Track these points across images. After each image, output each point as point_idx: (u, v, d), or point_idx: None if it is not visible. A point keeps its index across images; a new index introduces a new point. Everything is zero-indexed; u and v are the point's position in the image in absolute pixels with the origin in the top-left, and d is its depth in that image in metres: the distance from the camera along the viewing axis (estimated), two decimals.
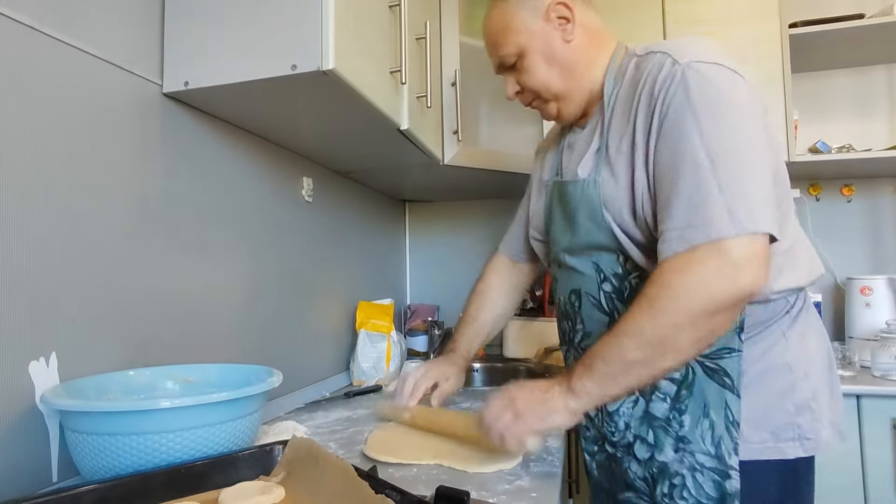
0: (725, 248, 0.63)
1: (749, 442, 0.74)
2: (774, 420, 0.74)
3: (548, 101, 0.88)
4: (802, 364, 0.76)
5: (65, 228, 0.71)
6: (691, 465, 0.74)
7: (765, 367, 0.76)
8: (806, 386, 0.76)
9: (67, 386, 0.67)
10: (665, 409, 0.77)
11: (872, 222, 1.89)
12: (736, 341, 0.73)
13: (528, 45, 0.85)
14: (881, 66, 1.89)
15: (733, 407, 0.72)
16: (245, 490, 0.59)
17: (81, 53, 0.75)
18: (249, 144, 1.12)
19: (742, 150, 0.67)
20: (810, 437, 0.75)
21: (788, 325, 0.77)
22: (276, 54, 0.82)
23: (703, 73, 0.69)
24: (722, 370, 0.73)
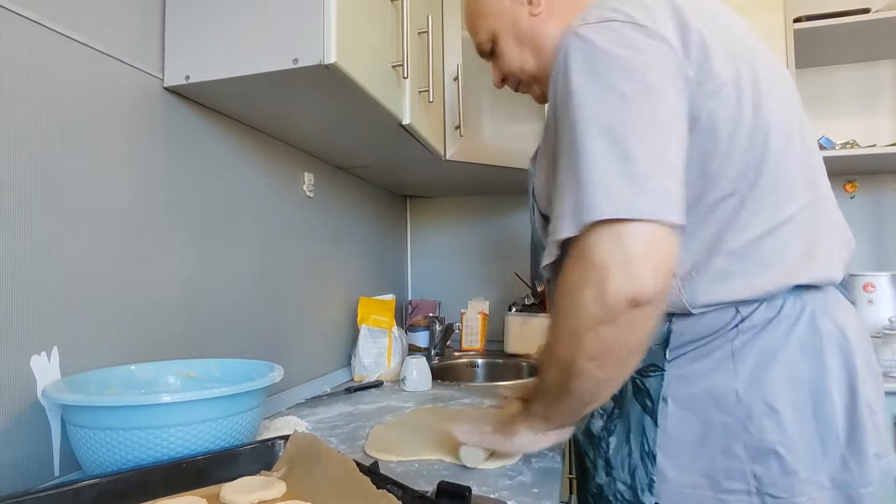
0: (584, 252, 0.53)
1: (676, 484, 0.61)
2: (711, 461, 0.60)
3: (529, 83, 0.83)
4: (765, 395, 0.59)
5: (65, 223, 0.71)
6: (615, 492, 0.66)
7: (701, 391, 0.61)
8: (769, 424, 0.58)
9: (69, 380, 0.67)
10: (599, 427, 0.70)
11: (875, 219, 1.88)
12: (660, 358, 0.63)
13: (497, 28, 0.80)
14: (887, 61, 1.87)
15: (650, 435, 0.62)
16: (246, 485, 0.59)
17: (81, 46, 0.74)
18: (251, 139, 1.11)
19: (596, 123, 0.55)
20: (778, 496, 0.57)
21: (744, 343, 0.60)
22: (278, 48, 0.81)
23: (583, 36, 0.59)
24: (646, 390, 0.64)
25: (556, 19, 0.75)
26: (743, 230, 0.61)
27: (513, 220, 2.09)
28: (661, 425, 0.62)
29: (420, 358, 1.35)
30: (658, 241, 0.52)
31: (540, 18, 0.77)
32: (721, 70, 0.60)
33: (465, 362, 1.81)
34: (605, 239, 0.52)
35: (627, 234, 0.51)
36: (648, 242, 0.51)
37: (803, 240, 0.63)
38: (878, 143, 1.78)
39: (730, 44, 0.63)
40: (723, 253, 0.61)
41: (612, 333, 0.53)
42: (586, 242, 0.53)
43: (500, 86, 0.88)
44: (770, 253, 0.61)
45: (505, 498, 0.66)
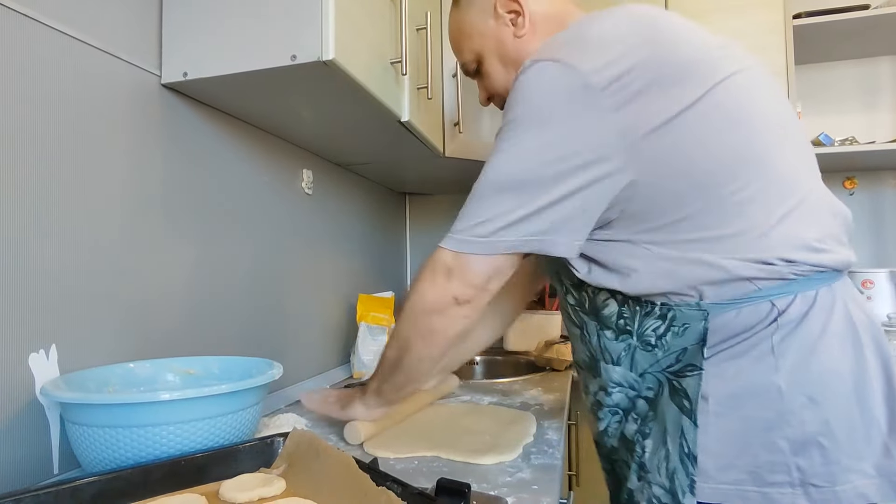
0: (435, 258, 0.70)
1: (717, 481, 0.61)
2: (753, 457, 0.60)
3: None
4: (805, 387, 0.60)
5: (63, 220, 0.71)
6: (649, 497, 0.66)
7: (741, 388, 0.62)
8: (811, 416, 0.59)
9: (68, 378, 0.67)
10: (633, 431, 0.70)
11: (874, 215, 1.88)
12: (698, 357, 0.63)
13: (482, 49, 0.82)
14: (886, 58, 1.87)
15: (689, 436, 0.62)
16: (246, 482, 0.59)
17: (77, 43, 0.74)
18: (249, 136, 1.11)
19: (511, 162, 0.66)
20: (821, 485, 0.58)
21: (783, 337, 0.61)
22: (276, 44, 0.81)
23: (529, 74, 0.65)
24: (683, 391, 0.64)
25: (539, 40, 0.78)
26: (746, 226, 0.62)
27: None
28: (700, 425, 0.62)
29: None
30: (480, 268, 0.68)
31: (524, 40, 0.79)
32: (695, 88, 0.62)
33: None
34: (449, 257, 0.69)
35: (462, 260, 0.68)
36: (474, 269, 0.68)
37: (811, 229, 0.64)
38: (878, 140, 1.78)
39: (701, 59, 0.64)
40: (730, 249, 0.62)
41: (440, 320, 0.71)
42: (439, 255, 0.70)
43: (487, 104, 0.90)
44: (779, 243, 0.62)
45: (504, 494, 0.66)
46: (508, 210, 0.65)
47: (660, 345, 0.68)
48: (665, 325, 0.67)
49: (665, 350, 0.67)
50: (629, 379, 0.71)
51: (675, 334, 0.66)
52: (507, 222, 0.65)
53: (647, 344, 0.69)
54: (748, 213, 0.63)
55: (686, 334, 0.65)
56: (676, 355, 0.66)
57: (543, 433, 0.91)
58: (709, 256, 0.63)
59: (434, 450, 0.81)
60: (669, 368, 0.67)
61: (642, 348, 0.69)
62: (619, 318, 0.71)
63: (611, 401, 0.73)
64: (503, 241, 0.66)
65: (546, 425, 0.95)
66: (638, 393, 0.71)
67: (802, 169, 0.68)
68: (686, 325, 0.65)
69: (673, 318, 0.66)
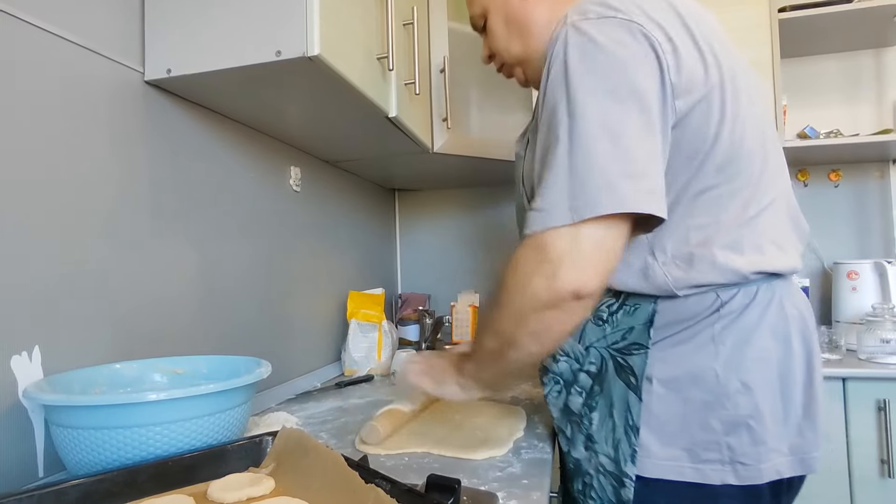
0: (542, 244, 0.59)
1: (658, 457, 0.66)
2: (690, 436, 0.65)
3: (513, 65, 0.84)
4: (740, 373, 0.64)
5: (45, 220, 0.70)
6: (596, 465, 0.70)
7: (684, 373, 0.66)
8: (743, 401, 0.64)
9: (51, 380, 0.66)
10: (579, 404, 0.73)
11: (859, 207, 1.91)
12: (644, 337, 0.68)
13: (490, 6, 0.82)
14: (869, 51, 1.89)
15: (633, 410, 0.66)
16: (234, 482, 0.58)
17: (58, 40, 0.73)
18: (235, 133, 1.10)
19: (595, 121, 0.58)
20: (747, 463, 0.63)
21: (724, 327, 0.65)
22: (260, 40, 0.80)
23: (583, 31, 0.62)
24: (629, 367, 0.68)
25: (546, 6, 0.77)
26: (722, 220, 0.66)
27: (502, 211, 2.09)
28: (644, 401, 0.67)
29: (410, 352, 1.35)
30: (605, 245, 0.58)
31: (530, 3, 0.78)
32: (709, 74, 0.64)
33: None
34: (562, 236, 0.58)
35: (581, 235, 0.57)
36: (596, 246, 0.57)
37: (775, 231, 0.68)
38: (862, 132, 1.80)
39: (717, 50, 0.66)
40: (704, 241, 0.65)
41: (554, 317, 0.60)
42: (545, 236, 0.59)
43: (488, 62, 0.90)
44: (747, 242, 0.66)
45: (495, 490, 0.66)
46: (619, 163, 0.57)
47: (610, 321, 0.72)
48: (618, 304, 0.72)
49: (614, 326, 0.72)
50: (576, 350, 0.75)
51: (626, 313, 0.71)
52: (624, 176, 0.57)
53: (598, 318, 0.73)
54: (727, 207, 0.66)
55: (636, 314, 0.70)
56: (623, 333, 0.71)
57: (534, 427, 0.91)
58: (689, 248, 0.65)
59: (424, 446, 0.81)
60: (614, 345, 0.71)
61: (594, 322, 0.74)
62: None
63: (557, 369, 0.77)
64: (629, 197, 0.56)
65: (536, 420, 0.96)
66: (581, 366, 0.74)
67: (776, 174, 0.71)
68: (637, 306, 0.70)
69: (626, 298, 0.71)
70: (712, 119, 0.64)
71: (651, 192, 0.58)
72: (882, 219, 1.89)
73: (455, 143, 1.47)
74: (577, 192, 0.57)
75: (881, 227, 1.89)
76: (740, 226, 0.66)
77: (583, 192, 0.57)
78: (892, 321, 1.49)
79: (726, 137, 0.64)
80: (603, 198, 0.56)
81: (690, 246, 0.66)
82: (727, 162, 0.65)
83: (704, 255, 0.65)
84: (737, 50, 0.71)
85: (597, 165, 0.57)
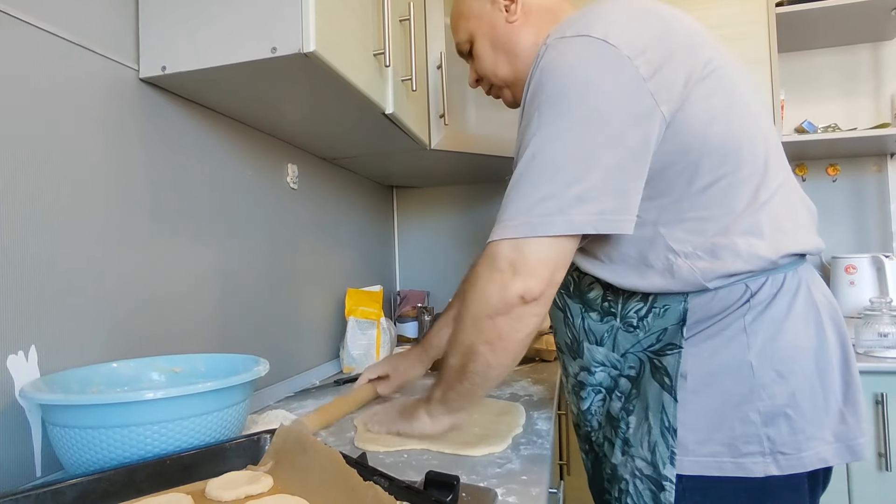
0: (494, 254, 0.64)
1: (696, 454, 0.65)
2: (729, 430, 0.64)
3: (501, 87, 0.87)
4: (775, 363, 0.64)
5: (40, 219, 0.69)
6: (633, 470, 0.69)
7: (716, 367, 0.65)
8: (779, 390, 0.63)
9: (48, 379, 0.66)
10: (618, 409, 0.73)
11: (857, 202, 1.91)
12: (678, 337, 0.67)
13: (476, 31, 0.84)
14: (866, 45, 1.89)
15: (669, 411, 0.65)
16: (232, 480, 0.58)
17: (50, 37, 0.72)
18: (232, 131, 1.09)
19: (556, 142, 0.62)
20: (788, 453, 0.63)
21: (755, 317, 0.65)
22: (256, 37, 0.80)
23: (559, 51, 0.64)
24: (663, 368, 0.67)
25: (531, 28, 0.80)
26: (736, 208, 0.66)
27: None
28: (680, 401, 0.65)
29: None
30: (549, 257, 0.63)
31: (515, 26, 0.81)
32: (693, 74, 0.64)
33: None
34: (511, 248, 0.63)
35: (528, 249, 0.63)
36: (541, 259, 0.63)
37: (789, 213, 0.69)
38: (859, 127, 1.80)
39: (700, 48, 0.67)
40: (722, 230, 0.65)
41: (506, 323, 0.65)
42: (497, 246, 0.65)
43: (475, 86, 0.93)
44: (765, 225, 0.66)
45: (493, 486, 0.66)
46: (568, 185, 0.61)
47: (641, 326, 0.71)
48: (647, 308, 0.71)
49: (646, 331, 0.71)
50: (611, 359, 0.74)
51: (657, 315, 0.70)
52: (571, 198, 0.61)
53: (629, 325, 0.72)
54: (738, 195, 0.66)
55: (667, 315, 0.69)
56: (657, 335, 0.70)
57: (533, 424, 0.91)
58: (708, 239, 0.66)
59: (423, 443, 0.81)
60: (650, 348, 0.70)
61: (624, 329, 0.73)
62: (604, 301, 0.74)
63: (594, 380, 0.76)
64: (571, 219, 0.61)
65: (535, 416, 0.96)
66: (620, 372, 0.74)
67: (778, 160, 0.71)
68: (667, 307, 0.69)
69: (654, 301, 0.70)
70: (703, 115, 0.65)
71: (600, 213, 0.62)
72: (879, 213, 1.89)
73: (452, 139, 1.47)
74: (529, 210, 0.62)
75: (879, 221, 1.89)
76: (755, 211, 0.66)
77: (533, 212, 0.62)
78: (889, 315, 1.49)
79: (722, 130, 0.65)
80: (553, 220, 0.61)
81: (709, 237, 0.65)
82: (728, 153, 0.65)
83: (726, 243, 0.65)
84: (722, 45, 0.71)
85: (550, 187, 0.62)
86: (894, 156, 1.88)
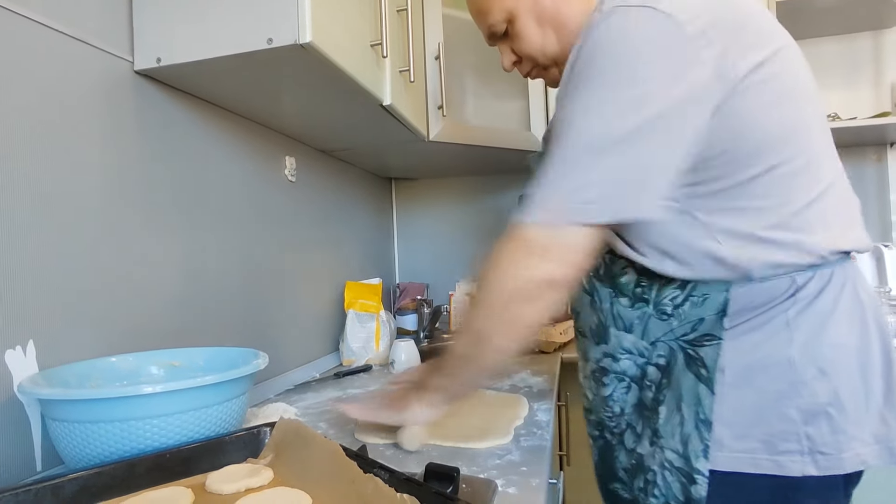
0: (524, 236, 0.62)
1: (732, 450, 0.63)
2: (768, 427, 0.62)
3: (547, 66, 0.80)
4: (817, 360, 0.62)
5: (36, 213, 0.69)
6: (661, 461, 0.67)
7: (756, 361, 0.63)
8: (821, 388, 0.61)
9: (47, 374, 0.66)
10: (650, 398, 0.70)
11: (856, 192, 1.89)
12: (717, 327, 0.64)
13: (515, 7, 0.76)
14: (867, 33, 1.88)
15: (705, 403, 0.64)
16: (232, 473, 0.58)
17: (45, 29, 0.71)
18: (228, 123, 1.09)
19: (604, 122, 0.59)
20: (828, 453, 0.61)
21: (798, 312, 0.63)
22: (252, 28, 0.79)
23: (617, 22, 0.60)
24: (700, 360, 0.65)
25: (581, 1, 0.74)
26: (790, 200, 0.63)
27: (500, 200, 2.08)
28: (717, 394, 0.63)
29: (408, 341, 1.35)
30: (582, 244, 0.61)
31: None
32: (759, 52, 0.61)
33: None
34: (542, 232, 0.61)
35: (559, 233, 0.61)
36: (573, 245, 0.61)
37: (841, 207, 0.67)
38: (860, 116, 1.79)
39: (764, 28, 0.64)
40: (774, 224, 0.63)
41: (528, 307, 0.63)
42: (528, 229, 0.62)
43: (511, 69, 0.84)
44: (817, 220, 0.64)
45: (494, 477, 0.66)
46: (612, 171, 0.59)
47: (676, 314, 0.68)
48: (684, 295, 0.67)
49: (681, 319, 0.68)
50: (639, 347, 0.72)
51: (694, 304, 0.66)
52: (614, 185, 0.59)
53: (662, 313, 0.69)
54: (792, 186, 0.63)
55: (706, 304, 0.65)
56: (692, 325, 0.67)
57: (533, 415, 0.91)
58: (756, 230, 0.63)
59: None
60: (684, 337, 0.67)
61: (657, 317, 0.69)
62: (637, 287, 0.71)
63: (618, 367, 0.74)
64: (614, 207, 0.60)
65: (535, 407, 0.96)
66: (647, 360, 0.71)
67: (831, 151, 0.69)
68: (706, 296, 0.66)
69: (693, 288, 0.67)
70: (763, 99, 0.62)
71: (643, 201, 0.60)
72: (879, 202, 1.88)
73: (451, 131, 1.46)
74: (569, 195, 0.60)
75: (878, 210, 1.88)
76: (809, 204, 0.63)
77: (573, 197, 0.60)
78: (888, 305, 1.49)
79: (781, 116, 0.63)
80: (594, 208, 0.59)
81: (758, 229, 0.63)
82: (785, 141, 0.63)
83: (775, 237, 0.63)
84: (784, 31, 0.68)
85: (592, 173, 0.59)
86: (894, 145, 1.88)
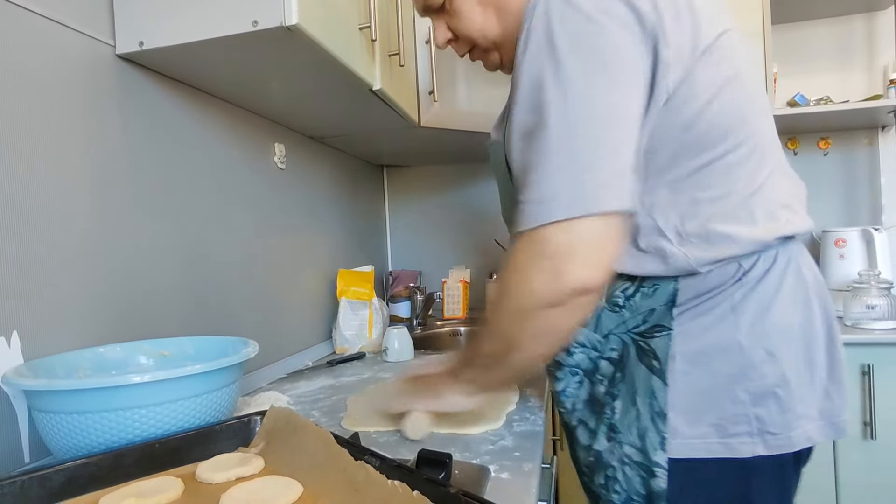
0: (542, 240, 0.56)
1: (685, 437, 0.63)
2: (718, 411, 0.62)
3: (487, 49, 0.76)
4: (764, 342, 0.62)
5: (17, 201, 0.67)
6: (620, 456, 0.66)
7: (705, 346, 0.63)
8: (769, 369, 0.62)
9: (32, 365, 0.65)
10: (602, 393, 0.69)
11: (848, 175, 1.91)
12: (667, 318, 0.64)
13: None
14: (860, 15, 1.87)
15: (659, 395, 0.63)
16: (223, 462, 0.58)
17: (22, 11, 0.69)
18: (215, 109, 1.07)
19: (592, 103, 0.55)
20: (777, 433, 0.61)
21: (744, 295, 0.63)
22: (236, 10, 0.77)
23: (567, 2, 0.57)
24: (652, 351, 0.64)
25: None
26: (733, 191, 0.63)
27: (492, 186, 2.06)
28: (669, 384, 0.63)
29: (401, 328, 1.35)
30: (608, 237, 0.56)
31: None
32: (706, 35, 0.61)
33: (447, 331, 1.81)
34: (564, 231, 0.55)
35: (584, 229, 0.55)
36: (600, 240, 0.55)
37: (783, 194, 0.67)
38: (852, 99, 1.79)
39: (708, 13, 0.63)
40: (718, 216, 0.63)
41: (559, 315, 0.57)
42: (545, 231, 0.55)
43: (444, 46, 0.80)
44: (760, 210, 0.64)
45: (486, 463, 0.66)
46: (612, 150, 0.55)
47: (628, 306, 0.68)
48: (634, 287, 0.67)
49: (633, 311, 0.67)
50: (592, 340, 0.71)
51: (645, 295, 0.66)
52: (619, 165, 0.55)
53: (615, 305, 0.69)
54: (737, 175, 0.63)
55: (656, 295, 0.66)
56: (643, 316, 0.66)
57: (526, 400, 0.92)
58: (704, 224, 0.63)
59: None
60: (636, 329, 0.67)
61: (609, 310, 0.69)
62: None
63: (572, 361, 0.73)
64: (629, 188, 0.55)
65: (528, 392, 0.96)
66: (600, 354, 0.70)
67: (774, 136, 0.69)
68: (656, 287, 0.66)
69: (643, 281, 0.67)
70: (710, 85, 0.61)
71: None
72: (870, 186, 1.89)
73: (442, 116, 1.44)
74: (578, 184, 0.54)
75: (869, 194, 1.89)
76: (752, 194, 0.63)
77: (585, 185, 0.54)
78: (877, 287, 1.51)
79: (726, 103, 0.62)
80: (608, 193, 0.54)
81: (703, 222, 0.63)
82: (730, 129, 0.62)
83: (720, 231, 0.62)
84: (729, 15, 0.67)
85: (599, 155, 0.55)
86: (885, 129, 1.88)
